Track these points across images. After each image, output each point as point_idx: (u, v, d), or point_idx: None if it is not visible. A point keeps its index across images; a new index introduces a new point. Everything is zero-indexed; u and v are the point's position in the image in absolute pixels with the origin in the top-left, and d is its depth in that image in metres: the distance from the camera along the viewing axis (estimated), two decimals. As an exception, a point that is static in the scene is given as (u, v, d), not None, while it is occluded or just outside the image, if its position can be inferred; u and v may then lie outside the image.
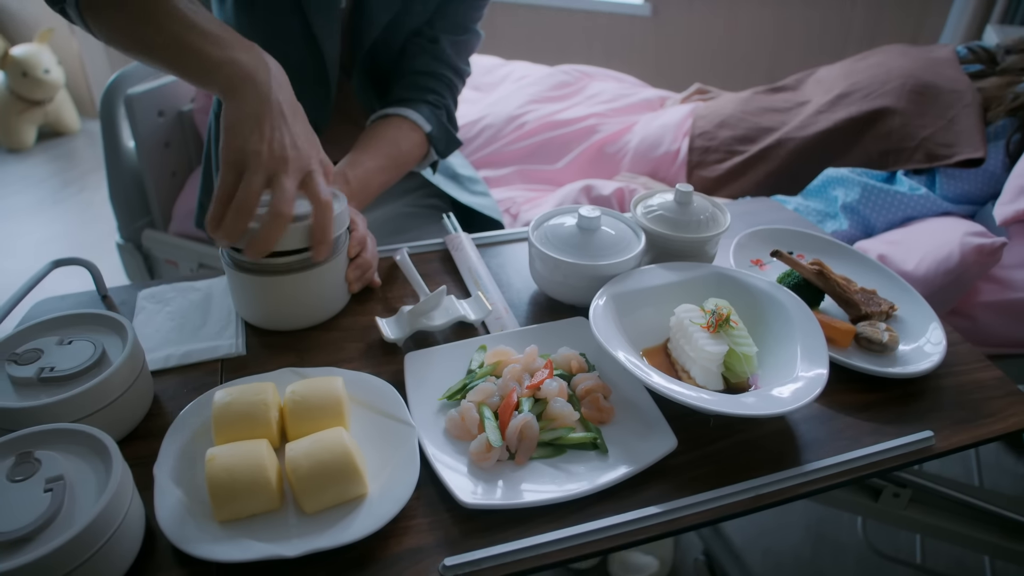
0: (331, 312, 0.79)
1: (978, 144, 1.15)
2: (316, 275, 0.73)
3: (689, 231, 0.80)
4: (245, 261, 0.71)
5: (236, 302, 0.77)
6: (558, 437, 0.62)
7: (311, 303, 0.76)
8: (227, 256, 0.73)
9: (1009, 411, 0.70)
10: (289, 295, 0.73)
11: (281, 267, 0.71)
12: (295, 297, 0.74)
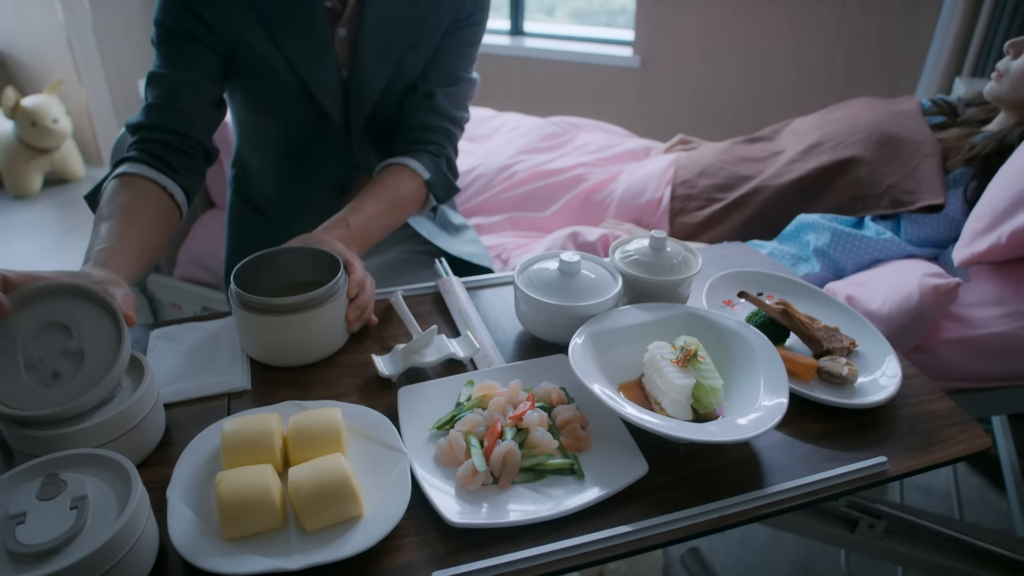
0: (331, 349, 0.84)
1: (938, 191, 1.22)
2: (317, 315, 0.79)
3: (663, 274, 0.87)
4: (253, 301, 0.77)
5: (243, 340, 0.83)
6: (538, 463, 0.67)
7: (313, 341, 0.82)
8: (236, 297, 0.79)
9: (959, 438, 0.75)
10: (292, 333, 0.79)
11: (285, 307, 0.77)
12: (297, 335, 0.80)
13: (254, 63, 1.02)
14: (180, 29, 0.97)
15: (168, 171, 0.95)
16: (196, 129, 0.99)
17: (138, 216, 0.88)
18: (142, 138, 0.96)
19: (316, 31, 1.00)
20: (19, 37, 3.64)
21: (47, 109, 3.36)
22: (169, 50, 0.98)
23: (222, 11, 0.97)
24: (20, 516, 0.52)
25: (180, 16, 0.97)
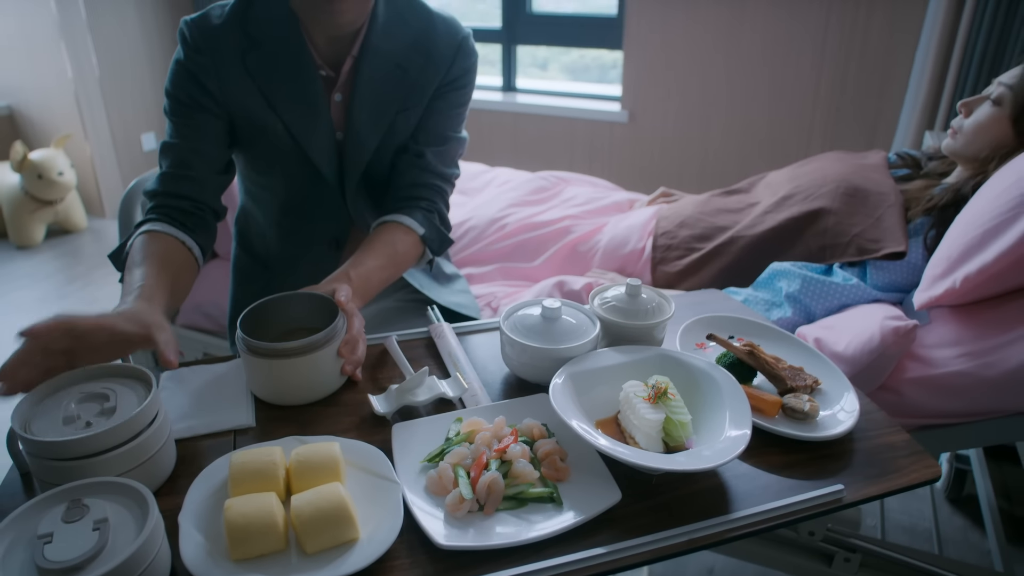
0: (330, 389, 0.90)
1: (900, 239, 1.30)
2: (316, 358, 0.86)
3: (638, 319, 0.93)
4: (257, 346, 0.84)
5: (249, 380, 0.89)
6: (520, 492, 0.73)
7: (312, 381, 0.88)
8: (242, 342, 0.86)
9: (912, 468, 0.81)
10: (294, 375, 0.86)
11: (286, 351, 0.84)
12: (298, 376, 0.86)
13: (254, 127, 1.11)
14: (188, 99, 1.07)
15: (185, 229, 1.06)
16: (206, 195, 1.10)
17: (168, 262, 0.99)
18: (158, 204, 1.07)
19: (311, 98, 1.10)
20: (29, 93, 3.77)
21: (53, 162, 3.46)
22: (180, 120, 1.08)
23: (225, 80, 1.07)
24: (48, 536, 0.58)
25: (188, 87, 1.07)
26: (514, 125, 3.53)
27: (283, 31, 1.08)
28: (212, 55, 1.06)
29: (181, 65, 1.08)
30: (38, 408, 0.72)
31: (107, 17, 3.70)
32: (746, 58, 2.99)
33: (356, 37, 1.10)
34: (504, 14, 3.47)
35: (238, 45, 1.07)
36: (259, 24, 1.07)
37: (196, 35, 1.07)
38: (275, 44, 1.08)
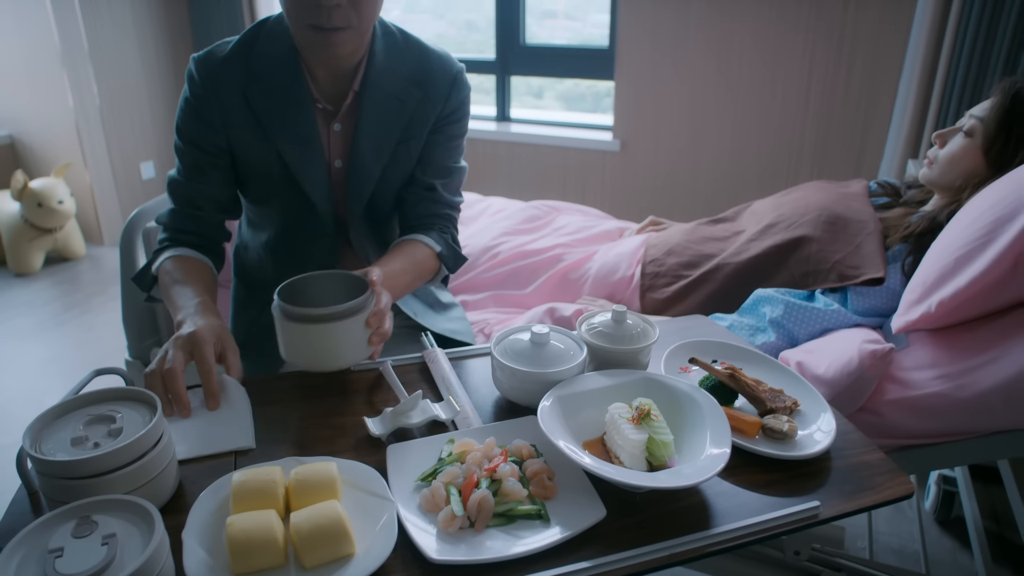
0: (358, 357, 0.97)
1: (879, 266, 1.34)
2: (347, 325, 0.93)
3: (624, 344, 0.97)
4: (295, 312, 0.92)
5: (284, 349, 0.96)
6: (509, 509, 0.76)
7: (343, 346, 0.94)
8: (279, 309, 0.94)
9: (886, 486, 0.85)
10: (326, 339, 0.92)
11: (322, 317, 0.91)
12: (330, 341, 0.93)
13: (252, 158, 1.17)
14: (195, 138, 1.15)
15: (203, 251, 1.18)
16: (213, 230, 1.21)
17: (204, 278, 1.13)
18: (171, 236, 1.17)
19: (307, 129, 1.16)
20: (31, 122, 3.83)
21: (53, 191, 3.50)
22: (188, 161, 1.17)
23: (227, 112, 1.14)
24: (59, 551, 0.61)
25: (194, 125, 1.14)
26: (508, 154, 3.59)
27: (284, 66, 1.14)
28: (215, 88, 1.13)
29: (188, 103, 1.15)
30: (48, 430, 0.76)
31: (108, 48, 3.78)
32: (735, 90, 3.07)
33: (357, 71, 1.16)
34: (498, 46, 3.55)
35: (240, 79, 1.13)
36: (261, 59, 1.13)
37: (201, 71, 1.13)
38: (275, 78, 1.14)
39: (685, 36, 3.08)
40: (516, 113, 3.73)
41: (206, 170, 1.17)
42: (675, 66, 3.14)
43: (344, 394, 1.01)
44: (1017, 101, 1.32)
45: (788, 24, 2.91)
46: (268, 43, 1.14)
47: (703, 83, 3.11)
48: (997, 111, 1.34)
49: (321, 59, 1.11)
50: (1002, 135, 1.33)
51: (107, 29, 3.76)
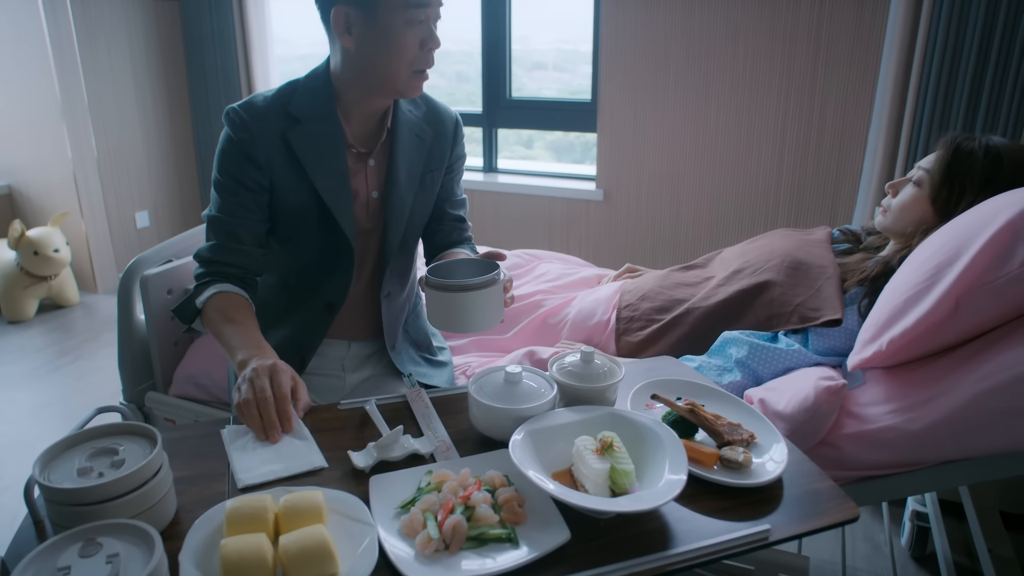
0: (495, 320, 1.13)
1: (837, 308, 1.43)
2: (489, 292, 1.10)
3: (591, 382, 1.05)
4: (448, 283, 1.09)
5: (433, 317, 1.12)
6: (482, 532, 0.82)
7: (486, 311, 1.11)
8: (433, 283, 1.10)
9: (833, 511, 0.91)
10: (473, 305, 1.09)
11: (470, 286, 1.08)
12: (476, 306, 1.09)
13: (291, 196, 1.29)
14: (239, 176, 1.26)
15: (243, 286, 1.31)
16: (253, 264, 1.31)
17: (252, 317, 1.27)
18: (214, 270, 1.27)
19: (342, 167, 1.30)
20: (29, 173, 3.92)
21: (50, 239, 3.58)
22: (232, 198, 1.27)
23: (269, 153, 1.26)
24: (66, 569, 0.67)
25: (239, 163, 1.26)
26: (496, 204, 3.70)
27: (322, 113, 1.29)
28: (259, 129, 1.25)
29: (232, 143, 1.26)
30: (56, 461, 0.82)
31: (107, 101, 3.90)
32: (712, 142, 3.20)
33: (387, 114, 1.36)
34: (484, 100, 3.69)
35: (280, 123, 1.27)
36: (300, 107, 1.28)
37: (244, 116, 1.26)
38: (313, 123, 1.28)
39: (664, 90, 3.22)
40: (504, 164, 3.86)
41: (249, 206, 1.28)
42: (655, 119, 3.28)
43: (332, 431, 1.08)
44: (958, 154, 1.43)
45: (762, 81, 3.06)
46: (306, 94, 1.29)
47: (682, 136, 3.25)
48: (941, 163, 1.45)
49: (405, 97, 1.30)
50: (946, 185, 1.43)
51: (107, 84, 3.89)
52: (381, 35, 1.20)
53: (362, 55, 1.23)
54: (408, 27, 1.20)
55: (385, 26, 1.20)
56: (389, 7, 1.18)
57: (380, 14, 1.19)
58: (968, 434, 1.14)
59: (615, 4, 3.21)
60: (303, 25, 4.40)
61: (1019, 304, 1.17)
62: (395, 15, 1.18)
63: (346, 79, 1.28)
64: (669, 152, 3.29)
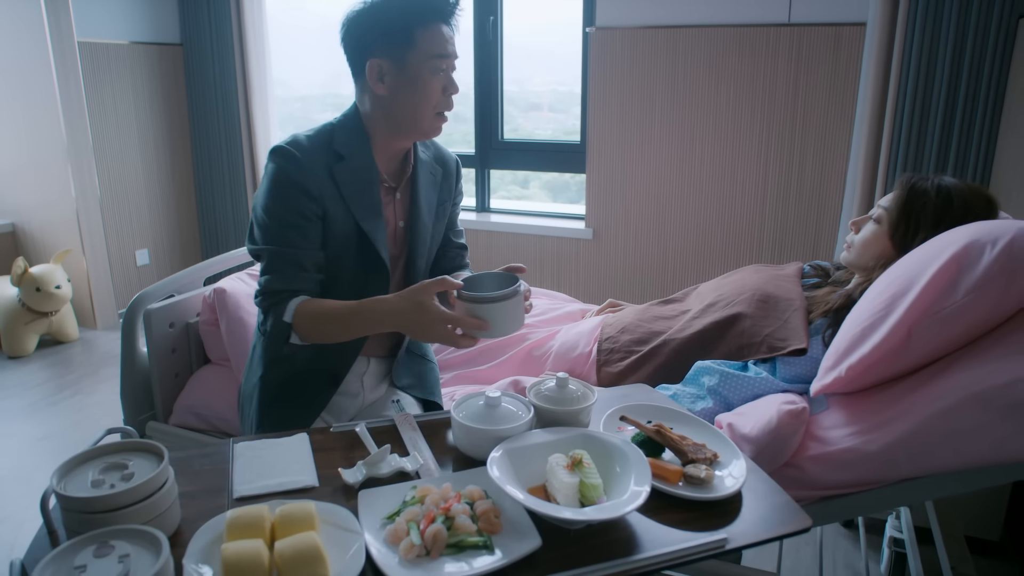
0: (519, 326, 1.26)
1: (803, 338, 1.52)
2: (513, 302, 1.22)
3: (565, 405, 1.13)
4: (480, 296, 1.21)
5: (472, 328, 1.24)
6: (460, 540, 0.90)
7: (510, 319, 1.23)
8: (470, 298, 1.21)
9: (789, 523, 0.99)
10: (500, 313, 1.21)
11: (498, 297, 1.21)
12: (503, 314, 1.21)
13: (337, 226, 1.40)
14: (298, 205, 1.36)
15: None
16: (316, 288, 1.41)
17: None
18: (282, 297, 1.35)
19: (376, 199, 1.43)
20: (32, 212, 4.03)
21: (52, 276, 3.66)
22: (291, 230, 1.36)
23: (320, 185, 1.37)
24: (82, 567, 0.74)
25: (296, 195, 1.35)
26: (488, 243, 3.81)
27: (360, 151, 1.42)
28: (310, 166, 1.36)
29: (287, 177, 1.35)
30: (71, 474, 0.90)
31: (111, 142, 4.03)
32: (697, 184, 3.33)
33: (410, 153, 1.52)
34: (477, 141, 3.82)
35: (327, 159, 1.39)
36: (342, 145, 1.41)
37: (297, 152, 1.36)
38: (354, 159, 1.41)
39: (650, 134, 3.36)
40: (497, 203, 3.98)
41: (309, 235, 1.37)
42: (642, 161, 3.41)
43: (324, 451, 1.15)
44: (913, 193, 1.53)
45: (744, 127, 3.21)
46: (344, 134, 1.42)
47: (668, 177, 3.37)
48: (898, 202, 1.55)
49: (424, 139, 1.51)
50: (903, 222, 1.53)
51: (111, 126, 4.03)
52: (410, 83, 1.38)
53: (393, 100, 1.39)
54: (433, 75, 1.38)
55: (414, 75, 1.37)
56: (417, 59, 1.36)
57: (409, 65, 1.36)
58: (921, 454, 1.22)
59: (602, 51, 3.36)
60: (301, 68, 4.56)
61: (966, 332, 1.26)
62: (422, 65, 1.36)
63: (377, 121, 1.43)
64: (656, 193, 3.41)
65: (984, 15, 2.69)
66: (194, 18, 4.16)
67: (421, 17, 1.36)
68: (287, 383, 1.48)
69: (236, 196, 4.33)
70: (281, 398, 1.47)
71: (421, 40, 1.36)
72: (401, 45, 1.36)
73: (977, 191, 1.52)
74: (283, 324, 1.33)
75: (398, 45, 1.36)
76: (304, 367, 1.46)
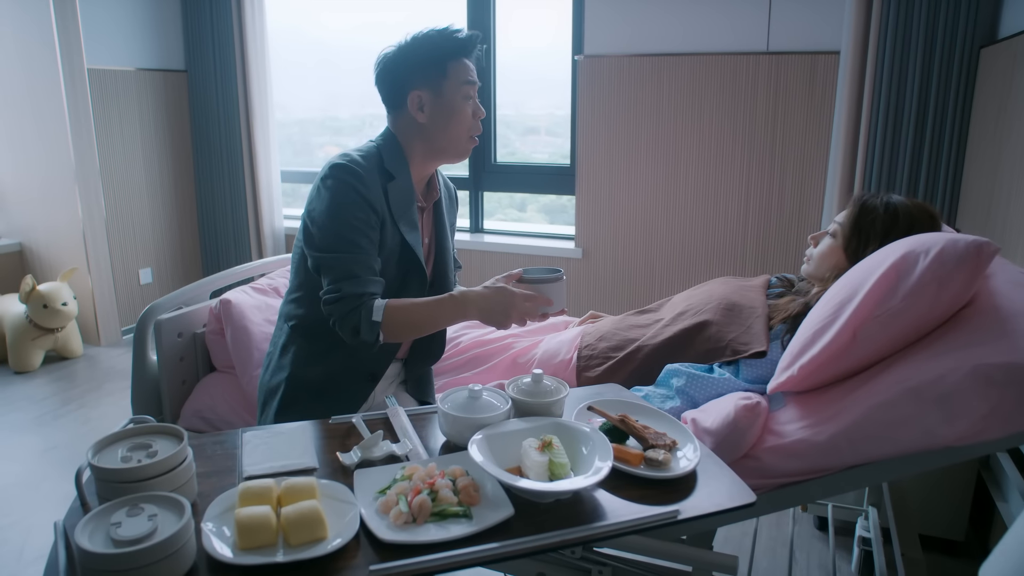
0: (563, 305, 1.57)
1: (763, 342, 1.65)
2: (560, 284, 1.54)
3: (540, 398, 1.26)
4: (545, 277, 1.53)
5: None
6: (443, 510, 1.02)
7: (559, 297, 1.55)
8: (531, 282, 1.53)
9: (734, 499, 1.11)
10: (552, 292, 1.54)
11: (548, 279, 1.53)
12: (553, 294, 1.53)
13: (387, 238, 1.57)
14: (365, 217, 1.52)
15: None
16: (383, 288, 1.54)
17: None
18: (368, 291, 1.50)
19: (415, 219, 1.62)
20: (40, 232, 4.16)
21: (59, 293, 3.79)
22: (362, 238, 1.51)
23: (380, 203, 1.54)
24: (118, 523, 0.87)
25: (364, 208, 1.52)
26: (482, 262, 3.96)
27: (403, 171, 1.60)
28: (371, 182, 1.53)
29: (354, 191, 1.50)
30: (103, 452, 1.03)
31: (117, 165, 4.18)
32: (682, 201, 3.48)
33: (434, 178, 1.74)
34: (471, 164, 3.98)
35: (381, 177, 1.56)
36: (391, 164, 1.58)
37: (358, 169, 1.52)
38: (401, 179, 1.59)
39: (636, 155, 3.52)
40: (488, 225, 4.13)
41: (374, 243, 1.53)
42: (628, 182, 3.56)
43: (325, 439, 1.28)
44: (863, 209, 1.68)
45: (726, 149, 3.38)
46: (390, 156, 1.59)
47: (653, 198, 3.53)
48: (850, 218, 1.69)
49: (456, 161, 1.69)
50: (855, 236, 1.67)
51: (117, 149, 4.18)
52: (447, 109, 1.59)
53: (433, 125, 1.59)
54: (465, 101, 1.60)
55: (449, 102, 1.58)
56: (452, 87, 1.57)
57: (446, 93, 1.58)
58: (863, 442, 1.34)
59: (590, 78, 3.53)
60: (300, 91, 4.75)
61: (905, 333, 1.40)
62: (456, 93, 1.58)
63: (415, 146, 1.62)
64: (642, 213, 3.57)
65: (948, 45, 2.86)
66: (198, 45, 4.33)
67: (451, 52, 1.57)
68: (327, 376, 1.63)
69: (237, 217, 4.48)
70: (325, 390, 1.63)
71: (452, 71, 1.57)
72: (437, 77, 1.57)
73: (921, 207, 1.67)
74: (374, 323, 1.46)
75: (434, 77, 1.57)
76: (341, 367, 1.62)
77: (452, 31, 1.58)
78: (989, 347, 1.28)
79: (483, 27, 3.81)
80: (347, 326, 1.47)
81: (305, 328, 1.64)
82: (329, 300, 1.48)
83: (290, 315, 1.66)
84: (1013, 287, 1.44)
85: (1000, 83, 2.54)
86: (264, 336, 2.00)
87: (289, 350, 1.65)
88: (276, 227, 4.44)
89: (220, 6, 4.17)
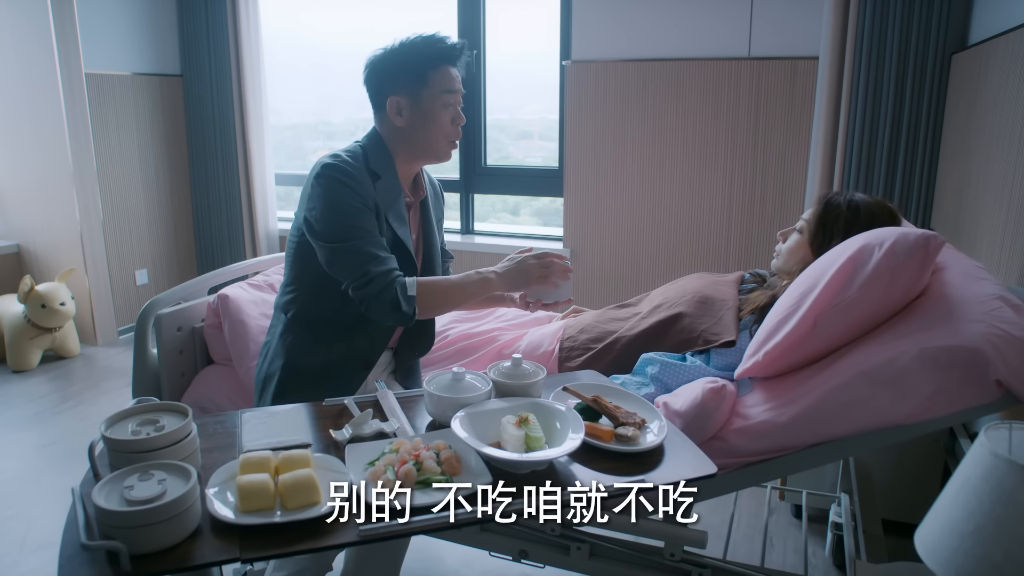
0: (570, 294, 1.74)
1: (733, 332, 1.75)
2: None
3: (518, 379, 1.36)
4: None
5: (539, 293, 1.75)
6: (427, 478, 1.11)
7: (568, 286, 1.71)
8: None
9: (696, 470, 1.21)
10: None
11: None
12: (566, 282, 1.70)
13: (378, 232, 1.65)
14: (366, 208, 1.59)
15: None
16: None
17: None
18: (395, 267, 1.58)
19: (403, 215, 1.69)
20: (38, 233, 4.23)
21: (57, 293, 3.86)
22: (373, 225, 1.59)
23: (371, 200, 1.60)
24: (131, 487, 0.96)
25: (363, 200, 1.59)
26: (472, 263, 4.04)
27: (388, 171, 1.66)
28: (361, 179, 1.60)
29: (349, 187, 1.57)
30: (114, 427, 1.11)
31: (114, 167, 4.26)
32: (667, 202, 3.58)
33: (420, 175, 1.80)
34: (461, 167, 4.07)
35: (369, 177, 1.63)
36: (377, 165, 1.64)
37: (350, 168, 1.59)
38: (387, 177, 1.65)
39: (622, 158, 3.62)
40: (479, 227, 4.22)
41: (376, 228, 1.59)
42: (615, 183, 3.67)
43: (318, 419, 1.37)
44: (828, 207, 1.78)
45: (709, 149, 3.48)
46: (375, 156, 1.65)
47: (639, 198, 3.63)
48: (815, 215, 1.80)
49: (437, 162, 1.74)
50: (820, 232, 1.78)
51: (114, 152, 4.26)
52: (424, 116, 1.64)
53: (411, 130, 1.65)
54: (444, 109, 1.64)
55: (427, 109, 1.63)
56: (430, 95, 1.62)
57: (423, 100, 1.63)
58: (821, 422, 1.44)
59: (578, 82, 3.63)
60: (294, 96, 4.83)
61: (862, 321, 1.50)
62: (434, 100, 1.63)
63: (398, 147, 1.68)
64: (628, 213, 3.67)
65: (921, 51, 2.98)
66: (194, 50, 4.42)
67: (432, 60, 1.61)
68: (330, 363, 1.69)
69: (232, 220, 4.56)
70: (326, 374, 1.69)
71: (432, 80, 1.61)
72: (416, 84, 1.61)
73: (882, 204, 1.77)
74: (410, 298, 1.53)
75: (413, 84, 1.62)
76: (335, 355, 1.68)
77: (437, 39, 1.62)
78: (934, 332, 1.38)
79: (473, 31, 3.90)
80: (384, 303, 1.52)
81: (301, 318, 1.72)
82: (359, 285, 1.52)
83: (286, 306, 1.74)
84: (964, 278, 1.55)
85: (970, 87, 2.65)
86: (260, 329, 2.09)
87: (286, 339, 1.73)
88: (270, 229, 4.53)
89: (215, 11, 4.26)
